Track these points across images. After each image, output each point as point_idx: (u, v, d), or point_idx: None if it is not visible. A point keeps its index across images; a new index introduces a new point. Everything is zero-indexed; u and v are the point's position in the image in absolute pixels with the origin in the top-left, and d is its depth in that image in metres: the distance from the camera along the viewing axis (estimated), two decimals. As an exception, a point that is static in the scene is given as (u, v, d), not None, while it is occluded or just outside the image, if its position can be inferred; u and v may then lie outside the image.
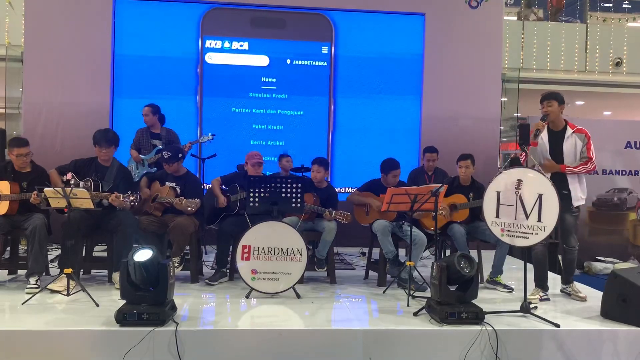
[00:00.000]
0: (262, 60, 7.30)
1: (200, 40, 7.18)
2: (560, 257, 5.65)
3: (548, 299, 4.57)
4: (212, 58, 7.24)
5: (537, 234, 3.98)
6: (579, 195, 4.50)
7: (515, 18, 11.16)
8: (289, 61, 7.31)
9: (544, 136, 4.55)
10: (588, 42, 10.62)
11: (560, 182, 4.38)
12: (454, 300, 3.82)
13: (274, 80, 7.31)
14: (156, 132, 6.11)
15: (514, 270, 5.35)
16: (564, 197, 4.37)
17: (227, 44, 7.26)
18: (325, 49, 7.33)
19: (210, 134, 6.36)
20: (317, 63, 7.35)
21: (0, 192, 4.55)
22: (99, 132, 4.82)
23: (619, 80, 10.78)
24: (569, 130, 4.51)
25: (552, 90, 4.63)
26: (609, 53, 10.67)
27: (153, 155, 5.96)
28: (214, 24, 7.21)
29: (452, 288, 3.89)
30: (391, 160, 5.18)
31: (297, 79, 7.33)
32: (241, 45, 7.27)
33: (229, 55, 7.26)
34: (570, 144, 4.48)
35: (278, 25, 7.28)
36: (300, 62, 7.33)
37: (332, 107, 7.40)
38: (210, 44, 7.22)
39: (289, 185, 4.56)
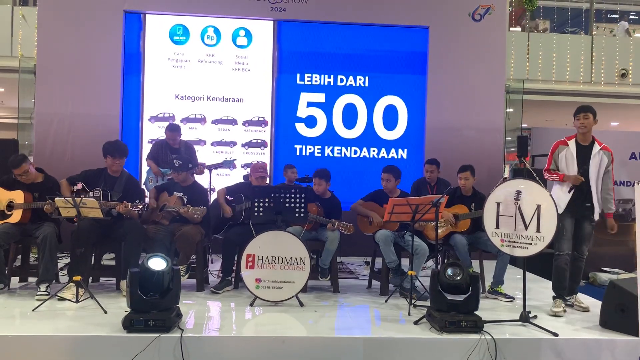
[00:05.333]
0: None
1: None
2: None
3: (570, 305, 4.69)
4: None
5: (536, 244, 4.04)
6: (599, 209, 4.60)
7: (520, 30, 11.25)
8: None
9: (572, 149, 4.62)
10: (594, 54, 10.68)
11: (585, 195, 4.52)
12: (447, 308, 3.89)
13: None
14: (176, 147, 6.26)
15: (518, 281, 5.37)
16: (587, 209, 4.54)
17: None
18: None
19: (231, 158, 6.49)
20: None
21: (15, 201, 4.69)
22: (110, 144, 4.94)
23: (625, 91, 10.83)
24: (597, 147, 4.59)
25: (586, 104, 4.70)
26: (614, 64, 10.73)
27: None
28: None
29: (461, 298, 3.95)
30: (385, 166, 5.32)
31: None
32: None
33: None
34: (597, 161, 4.55)
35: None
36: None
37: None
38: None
39: (292, 196, 4.65)
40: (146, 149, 6.92)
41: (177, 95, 7.32)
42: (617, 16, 12.58)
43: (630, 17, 14.02)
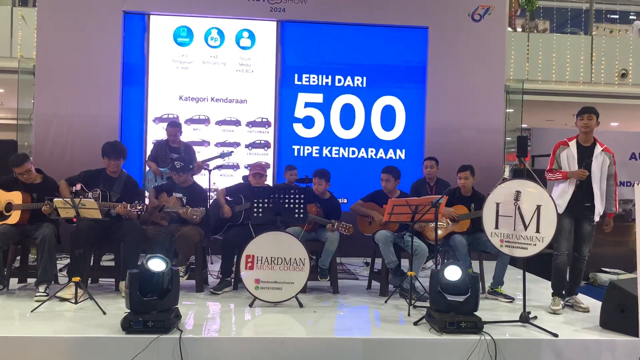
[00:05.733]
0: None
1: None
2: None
3: (570, 305, 4.70)
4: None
5: (535, 244, 4.04)
6: (600, 210, 4.60)
7: (520, 30, 11.24)
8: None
9: (572, 149, 4.63)
10: (593, 54, 10.67)
11: (584, 194, 4.53)
12: (447, 308, 3.88)
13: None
14: (175, 146, 6.26)
15: (517, 281, 5.36)
16: (587, 209, 4.55)
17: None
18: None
19: (229, 149, 6.49)
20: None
21: (13, 202, 4.68)
22: (107, 145, 4.94)
23: (625, 91, 10.82)
24: (599, 148, 4.61)
25: (590, 105, 4.71)
26: (614, 64, 10.71)
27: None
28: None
29: (460, 298, 3.94)
30: (385, 167, 5.32)
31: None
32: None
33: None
34: (599, 162, 4.57)
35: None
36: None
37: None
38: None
39: (292, 196, 4.65)
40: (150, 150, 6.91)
41: (181, 97, 7.32)
42: (617, 16, 12.56)
43: (630, 17, 14.00)
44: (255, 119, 7.35)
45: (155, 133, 7.20)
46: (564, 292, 4.72)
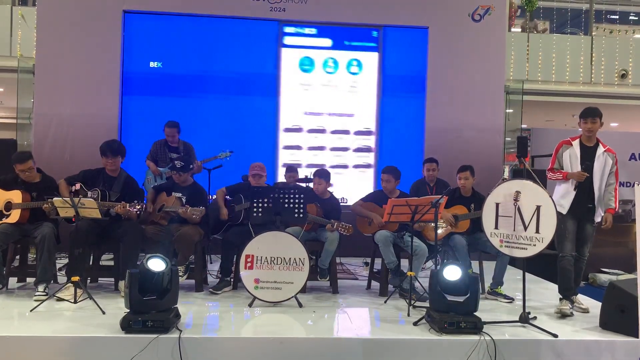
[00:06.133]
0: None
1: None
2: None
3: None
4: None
5: (535, 245, 4.03)
6: (601, 212, 4.60)
7: (520, 30, 11.24)
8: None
9: (575, 149, 4.63)
10: (593, 54, 10.67)
11: (586, 196, 4.54)
12: (446, 309, 3.88)
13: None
14: (174, 145, 6.25)
15: (517, 282, 5.35)
16: (588, 210, 4.56)
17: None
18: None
19: (228, 150, 6.51)
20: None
21: (13, 201, 4.68)
22: (105, 143, 4.94)
23: (625, 92, 10.82)
24: (601, 149, 4.61)
25: (592, 106, 4.70)
26: (614, 65, 10.72)
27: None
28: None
29: (460, 298, 3.93)
30: (385, 167, 5.33)
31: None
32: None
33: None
34: (601, 162, 4.57)
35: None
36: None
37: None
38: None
39: (291, 196, 4.64)
40: (283, 156, 7.64)
41: (305, 112, 7.76)
42: (617, 17, 12.56)
43: (630, 17, 14.01)
44: (361, 129, 7.88)
45: (286, 140, 7.71)
46: (570, 295, 4.67)
